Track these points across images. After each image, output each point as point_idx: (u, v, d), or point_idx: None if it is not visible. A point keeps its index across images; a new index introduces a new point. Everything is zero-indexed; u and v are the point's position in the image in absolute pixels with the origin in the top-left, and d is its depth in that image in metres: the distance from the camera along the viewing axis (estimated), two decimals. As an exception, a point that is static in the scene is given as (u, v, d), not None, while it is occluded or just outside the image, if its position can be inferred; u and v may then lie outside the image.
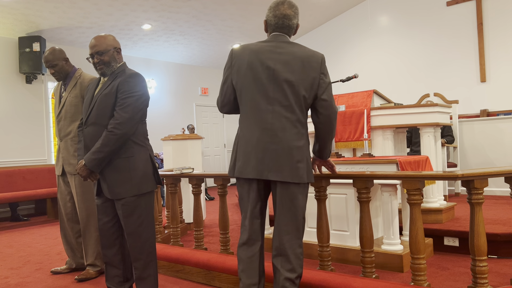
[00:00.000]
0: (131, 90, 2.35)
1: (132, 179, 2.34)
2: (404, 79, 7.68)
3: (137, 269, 2.39)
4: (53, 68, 3.18)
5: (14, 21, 6.31)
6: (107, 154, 2.30)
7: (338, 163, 3.17)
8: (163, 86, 9.14)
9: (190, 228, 4.74)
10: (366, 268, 2.40)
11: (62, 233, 3.31)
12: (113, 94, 2.35)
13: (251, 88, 2.03)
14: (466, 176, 2.01)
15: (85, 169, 2.34)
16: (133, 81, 2.37)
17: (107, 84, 2.41)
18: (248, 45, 2.09)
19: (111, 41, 2.47)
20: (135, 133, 2.38)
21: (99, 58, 2.41)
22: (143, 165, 2.39)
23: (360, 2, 8.23)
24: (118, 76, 2.41)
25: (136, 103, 2.35)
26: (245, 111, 2.08)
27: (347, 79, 4.20)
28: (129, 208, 2.34)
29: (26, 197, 5.82)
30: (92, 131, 2.39)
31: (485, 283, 2.04)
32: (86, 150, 2.42)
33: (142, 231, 2.38)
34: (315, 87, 2.03)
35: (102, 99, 2.38)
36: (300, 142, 2.02)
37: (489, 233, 3.07)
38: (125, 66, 2.50)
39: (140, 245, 2.37)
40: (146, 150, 2.44)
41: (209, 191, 8.89)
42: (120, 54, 2.51)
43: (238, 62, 2.07)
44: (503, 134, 5.51)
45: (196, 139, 5.02)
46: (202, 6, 6.99)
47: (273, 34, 2.11)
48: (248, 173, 2.03)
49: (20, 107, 6.82)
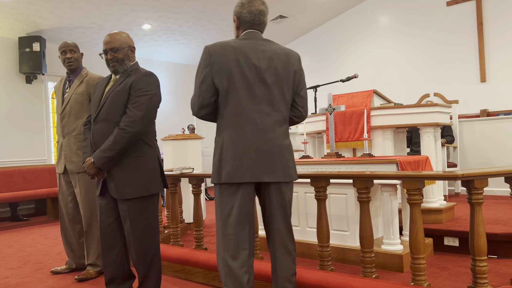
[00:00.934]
0: (146, 88, 2.31)
1: (142, 179, 2.30)
2: (404, 79, 7.68)
3: (141, 271, 2.37)
4: (71, 53, 3.18)
5: (14, 21, 6.31)
6: (118, 153, 2.25)
7: (338, 163, 3.17)
8: (163, 86, 9.13)
9: (190, 228, 4.74)
10: (366, 268, 2.40)
11: (63, 233, 3.30)
12: (126, 92, 2.31)
13: (237, 87, 1.92)
14: (466, 176, 2.01)
15: (94, 167, 2.29)
16: (148, 79, 2.34)
17: (120, 81, 2.37)
18: (226, 42, 1.97)
19: (126, 39, 2.43)
20: (145, 132, 2.35)
21: (112, 55, 2.38)
22: (152, 165, 2.36)
23: (360, 2, 8.22)
24: (132, 74, 2.37)
25: (150, 102, 2.31)
26: (231, 112, 1.94)
27: (347, 79, 4.20)
28: (137, 209, 2.30)
29: (26, 197, 5.81)
30: (101, 128, 2.34)
31: (485, 283, 2.04)
32: (94, 147, 2.37)
33: (149, 233, 2.35)
34: (296, 83, 2.05)
35: (115, 96, 2.34)
36: (287, 141, 2.04)
37: (489, 233, 3.06)
38: (138, 65, 2.46)
39: (146, 248, 2.35)
40: (154, 151, 2.41)
41: (209, 191, 8.89)
42: (134, 53, 2.48)
43: (219, 60, 1.92)
44: (503, 134, 5.51)
45: (196, 139, 5.02)
46: (202, 6, 7.00)
47: (249, 31, 2.02)
48: (241, 177, 1.90)
49: (20, 107, 6.82)
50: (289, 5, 7.65)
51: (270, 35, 8.91)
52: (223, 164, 1.94)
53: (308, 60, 9.21)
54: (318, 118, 4.35)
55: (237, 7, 2.04)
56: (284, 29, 8.73)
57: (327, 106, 3.56)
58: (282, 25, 8.50)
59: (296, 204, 3.43)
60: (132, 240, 2.33)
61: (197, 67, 1.99)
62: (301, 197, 3.40)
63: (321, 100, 7.94)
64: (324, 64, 8.95)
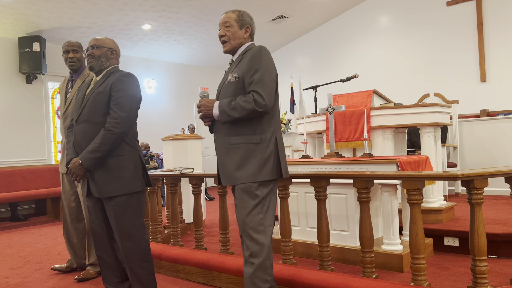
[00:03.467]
0: (127, 89, 2.35)
1: (123, 178, 2.33)
2: (404, 79, 7.68)
3: (131, 270, 2.37)
4: (74, 53, 3.18)
5: (14, 21, 6.31)
6: (105, 153, 2.29)
7: (338, 163, 3.17)
8: (163, 86, 9.14)
9: (190, 228, 4.74)
10: (366, 268, 2.40)
11: (65, 233, 3.30)
12: (106, 93, 2.35)
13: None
14: (466, 176, 2.01)
15: (82, 168, 2.31)
16: (128, 80, 2.38)
17: (100, 83, 2.42)
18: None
19: (108, 42, 2.51)
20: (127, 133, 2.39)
21: (90, 51, 2.45)
22: (133, 164, 2.38)
23: (360, 2, 8.23)
24: (112, 75, 2.42)
25: (132, 103, 2.36)
26: (277, 112, 2.16)
27: (347, 79, 4.19)
28: (120, 208, 2.32)
29: (26, 197, 5.81)
30: (83, 129, 2.38)
31: (485, 283, 2.04)
32: (76, 148, 2.40)
33: (134, 232, 2.36)
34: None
35: (95, 97, 2.37)
36: None
37: (489, 233, 3.06)
38: (118, 69, 2.52)
39: (133, 246, 2.35)
40: (136, 150, 2.43)
41: (209, 191, 8.89)
42: (115, 58, 2.53)
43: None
44: (503, 134, 5.51)
45: (196, 139, 5.02)
46: (202, 6, 7.00)
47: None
48: (287, 173, 2.17)
49: (20, 107, 6.82)
50: (289, 5, 7.65)
51: (270, 35, 8.92)
52: (281, 160, 2.09)
53: (308, 60, 9.21)
54: (318, 118, 4.35)
55: (249, 19, 2.22)
56: (284, 29, 8.72)
57: (327, 106, 3.55)
58: (282, 25, 8.49)
59: (296, 204, 3.43)
60: (119, 239, 2.35)
61: (267, 64, 2.05)
62: (301, 197, 3.40)
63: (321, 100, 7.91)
64: (324, 64, 8.95)
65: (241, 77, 2.06)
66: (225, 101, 2.06)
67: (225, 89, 2.13)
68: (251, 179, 2.02)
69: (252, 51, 2.09)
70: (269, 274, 2.04)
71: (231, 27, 2.15)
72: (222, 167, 2.11)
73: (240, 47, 2.19)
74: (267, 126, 2.08)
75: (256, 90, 2.00)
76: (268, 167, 2.05)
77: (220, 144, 2.13)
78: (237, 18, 2.16)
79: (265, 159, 2.04)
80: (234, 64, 2.16)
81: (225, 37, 2.16)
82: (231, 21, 2.16)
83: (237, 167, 2.04)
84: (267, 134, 2.07)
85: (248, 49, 2.14)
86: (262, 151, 2.04)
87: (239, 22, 2.17)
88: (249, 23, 2.20)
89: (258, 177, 2.02)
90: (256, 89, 2.00)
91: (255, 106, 1.98)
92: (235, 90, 2.07)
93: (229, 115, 2.02)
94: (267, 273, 2.03)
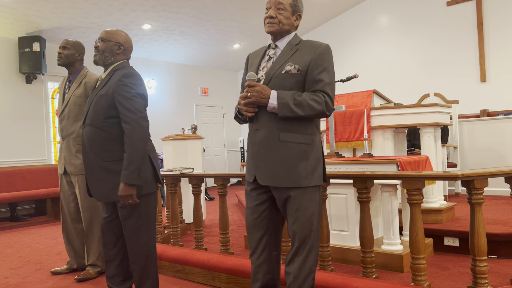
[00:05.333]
0: (129, 90, 2.27)
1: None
2: (404, 79, 7.68)
3: (136, 271, 2.36)
4: (62, 49, 3.16)
5: (14, 21, 6.31)
6: (139, 159, 2.21)
7: (338, 163, 3.17)
8: (163, 86, 9.14)
9: (190, 228, 4.74)
10: (366, 268, 2.40)
11: (64, 233, 3.30)
12: (109, 96, 2.28)
13: None
14: (466, 176, 2.01)
15: (129, 189, 2.17)
16: (128, 81, 2.29)
17: (104, 83, 2.35)
18: None
19: (117, 35, 2.40)
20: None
21: (97, 43, 2.39)
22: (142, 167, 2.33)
23: (360, 2, 8.23)
24: (116, 73, 2.34)
25: (140, 102, 2.29)
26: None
27: (347, 79, 4.20)
28: (126, 210, 2.29)
29: (26, 197, 5.81)
30: (88, 132, 2.35)
31: (485, 283, 2.04)
32: (83, 150, 2.39)
33: (140, 234, 2.33)
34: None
35: (98, 100, 2.32)
36: None
37: (489, 233, 3.06)
38: (123, 65, 2.39)
39: (138, 248, 2.33)
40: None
41: (209, 191, 8.89)
42: (123, 53, 2.42)
43: None
44: (503, 134, 5.51)
45: (196, 139, 5.02)
46: (202, 6, 6.99)
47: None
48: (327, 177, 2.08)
49: (20, 107, 6.82)
50: (289, 5, 7.64)
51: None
52: (324, 165, 1.98)
53: (308, 60, 9.18)
54: (318, 118, 4.34)
55: (302, 7, 2.01)
56: (284, 29, 8.71)
57: (327, 106, 3.54)
58: (282, 25, 8.49)
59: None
60: (126, 239, 2.35)
61: (333, 66, 1.93)
62: (301, 197, 3.39)
63: (321, 100, 7.93)
64: (324, 64, 8.93)
65: (303, 70, 1.87)
66: (288, 94, 1.83)
67: (282, 79, 1.88)
68: (312, 182, 1.86)
69: (313, 45, 1.93)
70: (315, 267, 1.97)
71: (285, 10, 1.93)
72: (269, 164, 1.87)
73: (287, 34, 1.99)
74: (316, 128, 1.94)
75: (327, 92, 1.85)
76: (319, 171, 1.91)
77: (265, 139, 1.88)
78: (292, 2, 1.95)
79: (316, 162, 1.90)
80: (286, 52, 1.95)
81: (275, 19, 1.93)
82: (286, 4, 1.93)
83: (289, 167, 1.84)
84: (316, 136, 1.92)
85: (299, 40, 1.98)
86: (313, 153, 1.89)
87: (293, 8, 1.96)
88: (301, 11, 2.00)
89: (311, 181, 1.86)
90: (327, 91, 1.85)
91: (325, 109, 1.83)
92: (295, 84, 1.87)
93: (292, 110, 1.80)
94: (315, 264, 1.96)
